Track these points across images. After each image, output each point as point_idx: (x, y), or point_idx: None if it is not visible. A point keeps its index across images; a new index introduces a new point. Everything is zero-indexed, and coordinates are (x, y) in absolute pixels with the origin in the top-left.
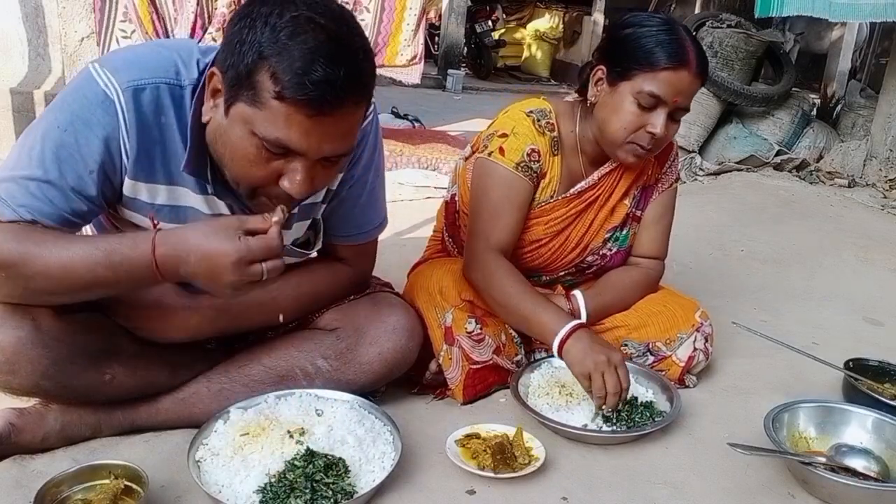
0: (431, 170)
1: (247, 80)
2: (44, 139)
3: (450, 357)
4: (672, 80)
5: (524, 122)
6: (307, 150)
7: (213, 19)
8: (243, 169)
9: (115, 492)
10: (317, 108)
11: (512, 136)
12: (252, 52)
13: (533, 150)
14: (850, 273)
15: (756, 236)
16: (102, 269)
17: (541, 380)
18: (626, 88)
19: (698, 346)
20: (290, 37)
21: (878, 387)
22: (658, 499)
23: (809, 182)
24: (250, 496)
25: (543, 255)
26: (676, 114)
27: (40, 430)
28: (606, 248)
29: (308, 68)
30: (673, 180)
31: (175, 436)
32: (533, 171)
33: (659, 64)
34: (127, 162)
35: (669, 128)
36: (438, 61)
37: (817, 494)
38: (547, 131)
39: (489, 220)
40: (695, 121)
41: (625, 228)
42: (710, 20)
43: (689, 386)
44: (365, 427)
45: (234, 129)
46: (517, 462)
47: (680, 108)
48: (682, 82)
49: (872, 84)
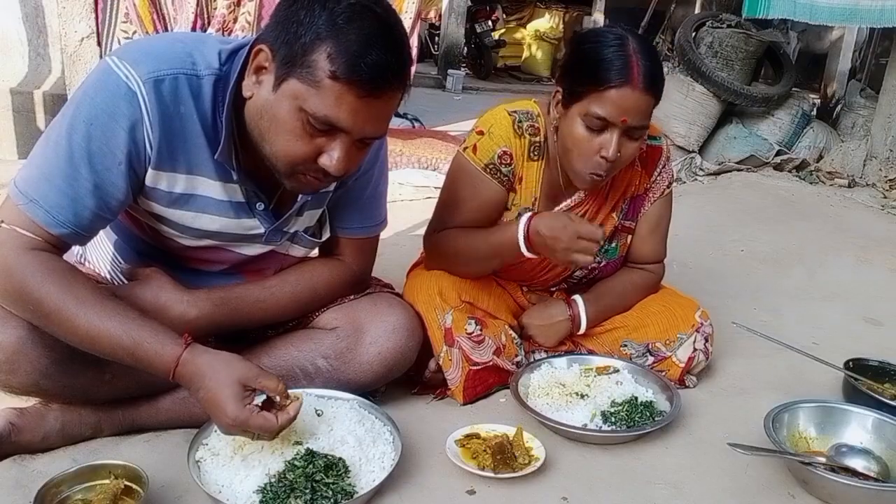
0: (431, 170)
1: (302, 58)
2: (70, 134)
3: (450, 358)
4: (616, 99)
5: (503, 123)
6: (352, 129)
7: (212, 20)
8: (287, 143)
9: (115, 492)
10: (368, 90)
11: (486, 136)
12: (310, 32)
13: (505, 153)
14: (850, 273)
15: (756, 236)
16: (124, 353)
17: (541, 380)
18: (575, 111)
19: (698, 346)
20: (347, 21)
21: (878, 387)
22: (658, 499)
23: (809, 182)
24: (250, 496)
25: (530, 267)
26: (633, 132)
27: (41, 429)
28: (595, 261)
29: (363, 52)
30: (665, 187)
31: (175, 436)
32: (503, 174)
33: (602, 83)
34: (151, 152)
35: (625, 148)
36: (438, 61)
37: (817, 494)
38: (527, 134)
39: (447, 209)
40: (695, 121)
41: (613, 241)
42: (710, 20)
43: (689, 386)
44: (365, 427)
45: (283, 104)
46: (517, 462)
47: (633, 127)
48: (626, 101)
49: (872, 84)
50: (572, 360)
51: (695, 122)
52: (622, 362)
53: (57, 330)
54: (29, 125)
